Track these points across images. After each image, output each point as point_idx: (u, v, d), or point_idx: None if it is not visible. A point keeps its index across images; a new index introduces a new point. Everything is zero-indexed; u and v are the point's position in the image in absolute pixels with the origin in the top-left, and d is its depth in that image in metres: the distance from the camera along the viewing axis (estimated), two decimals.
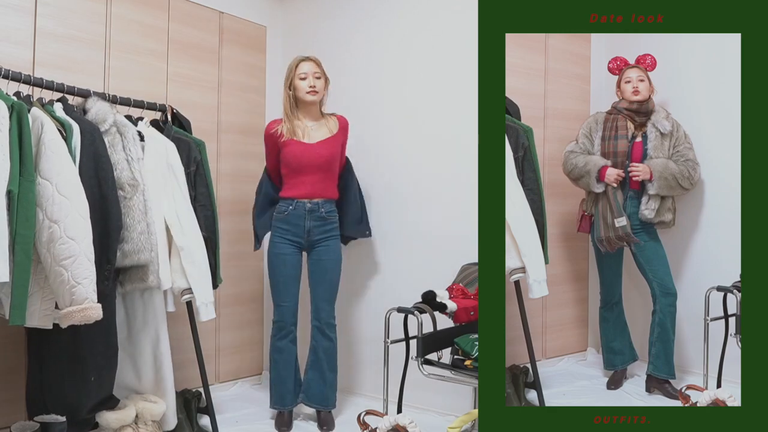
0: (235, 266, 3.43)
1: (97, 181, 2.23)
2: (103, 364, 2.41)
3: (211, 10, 3.35)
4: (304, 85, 2.82)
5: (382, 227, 3.26)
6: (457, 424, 2.58)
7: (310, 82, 2.82)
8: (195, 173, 2.78)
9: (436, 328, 2.47)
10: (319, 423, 2.94)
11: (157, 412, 2.54)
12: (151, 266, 2.37)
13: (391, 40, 3.27)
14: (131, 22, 2.98)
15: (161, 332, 2.62)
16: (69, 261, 1.99)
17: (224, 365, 3.46)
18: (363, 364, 3.32)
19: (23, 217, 1.94)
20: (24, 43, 2.60)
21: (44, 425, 2.25)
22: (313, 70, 2.84)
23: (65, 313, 2.00)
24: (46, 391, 2.34)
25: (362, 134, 3.33)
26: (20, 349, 2.51)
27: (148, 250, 2.35)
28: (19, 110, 1.99)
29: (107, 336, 2.40)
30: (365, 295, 3.28)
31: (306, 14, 3.64)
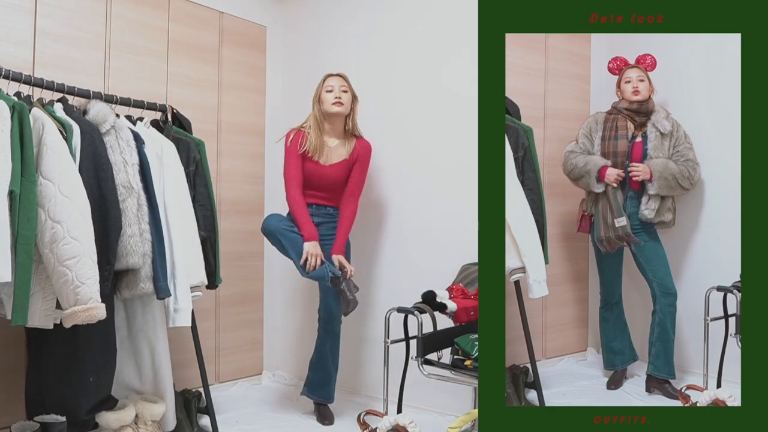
0: (235, 266, 3.43)
1: (97, 181, 2.22)
2: (101, 365, 2.41)
3: (211, 10, 3.35)
4: (330, 97, 2.86)
5: (383, 227, 3.26)
6: (457, 424, 2.58)
7: (336, 94, 2.85)
8: (194, 173, 2.78)
9: (436, 328, 2.47)
10: (320, 416, 3.00)
11: (157, 412, 2.54)
12: (143, 272, 2.35)
13: (391, 40, 3.27)
14: (131, 22, 2.98)
15: (159, 332, 2.62)
16: (73, 261, 1.99)
17: (224, 365, 3.46)
18: (363, 364, 3.32)
19: (25, 218, 1.94)
20: (24, 43, 2.60)
21: (44, 425, 2.25)
22: (339, 84, 2.89)
23: (70, 313, 2.00)
24: (45, 392, 2.34)
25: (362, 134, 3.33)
26: (20, 349, 2.51)
27: (138, 254, 2.32)
28: (21, 111, 1.99)
29: (106, 336, 2.40)
30: (365, 295, 3.28)
31: (306, 14, 3.64)
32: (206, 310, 3.27)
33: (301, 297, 3.58)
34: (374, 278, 3.29)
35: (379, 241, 3.27)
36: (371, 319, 3.25)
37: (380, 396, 2.47)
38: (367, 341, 3.29)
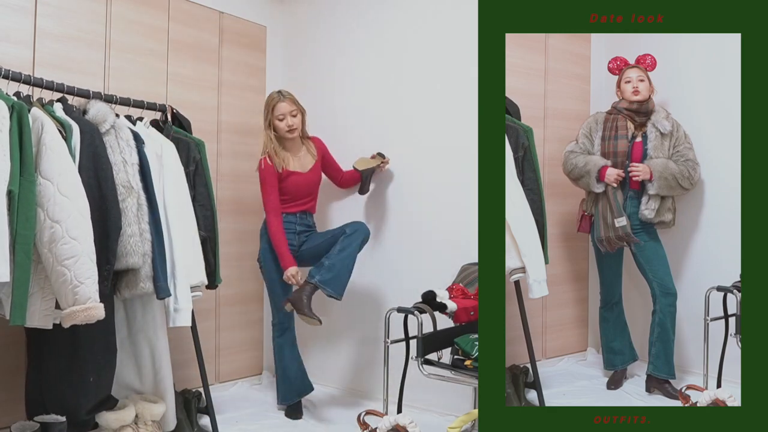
0: (235, 266, 3.43)
1: (97, 181, 2.22)
2: (102, 365, 2.41)
3: (211, 10, 3.35)
4: (283, 125, 3.01)
5: (383, 227, 3.26)
6: (457, 424, 2.58)
7: (288, 122, 3.00)
8: (194, 173, 2.79)
9: (436, 328, 2.47)
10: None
11: (157, 412, 2.54)
12: (143, 271, 2.35)
13: (391, 40, 3.27)
14: (131, 22, 2.98)
15: (160, 332, 2.62)
16: (71, 261, 1.99)
17: (224, 365, 3.46)
18: (363, 364, 3.32)
19: (23, 218, 1.94)
20: (24, 43, 2.60)
21: (44, 425, 2.25)
22: (289, 109, 3.01)
23: (68, 312, 2.00)
24: (45, 392, 2.34)
25: (362, 134, 3.33)
26: (20, 349, 2.51)
27: (138, 254, 2.32)
28: (20, 110, 1.99)
29: (106, 336, 2.40)
30: (365, 295, 3.28)
31: (306, 14, 3.64)
32: (206, 310, 3.27)
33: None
34: (374, 278, 3.28)
35: (379, 241, 3.27)
36: (371, 319, 3.25)
37: (380, 396, 2.47)
38: (367, 341, 3.29)
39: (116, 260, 2.28)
